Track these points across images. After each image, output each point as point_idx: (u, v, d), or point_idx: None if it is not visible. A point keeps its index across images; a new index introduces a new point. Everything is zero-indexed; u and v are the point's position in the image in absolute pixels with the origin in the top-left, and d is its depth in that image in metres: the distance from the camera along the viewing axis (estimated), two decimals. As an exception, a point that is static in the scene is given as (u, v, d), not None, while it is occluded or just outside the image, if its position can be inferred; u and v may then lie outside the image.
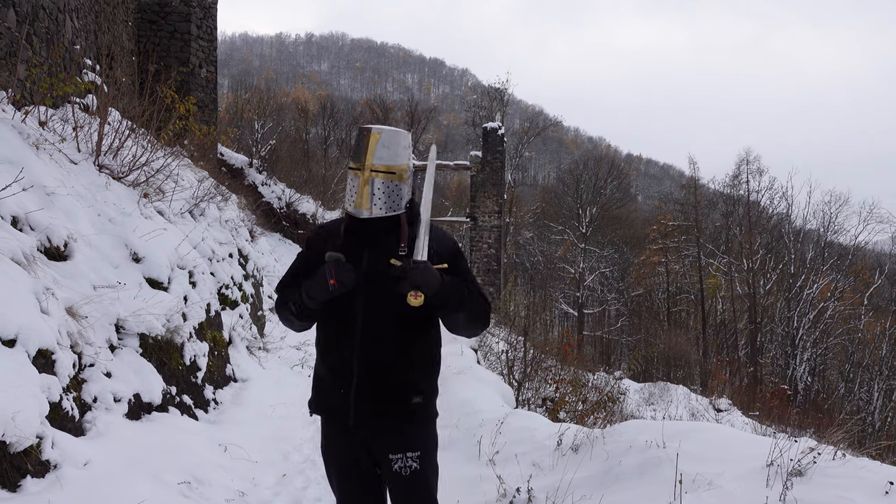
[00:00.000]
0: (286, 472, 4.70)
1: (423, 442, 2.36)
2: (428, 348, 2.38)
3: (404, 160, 2.32)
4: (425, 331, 2.36)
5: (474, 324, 2.36)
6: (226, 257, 7.59)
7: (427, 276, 2.13)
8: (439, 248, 2.33)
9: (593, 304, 40.23)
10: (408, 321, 2.28)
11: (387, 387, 2.28)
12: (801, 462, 2.97)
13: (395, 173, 2.29)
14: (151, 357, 4.65)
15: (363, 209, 2.27)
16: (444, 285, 2.19)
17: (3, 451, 2.86)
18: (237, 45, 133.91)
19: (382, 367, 2.28)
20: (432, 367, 2.42)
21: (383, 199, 2.28)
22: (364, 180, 2.27)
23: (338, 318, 2.30)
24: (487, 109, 39.36)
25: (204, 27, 15.83)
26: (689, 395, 19.62)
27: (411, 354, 2.32)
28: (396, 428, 2.32)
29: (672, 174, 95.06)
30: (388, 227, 2.32)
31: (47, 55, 7.09)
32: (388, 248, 2.29)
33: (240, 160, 18.67)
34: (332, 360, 2.35)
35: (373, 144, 2.27)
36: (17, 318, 3.30)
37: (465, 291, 2.27)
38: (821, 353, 30.85)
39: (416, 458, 2.32)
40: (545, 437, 4.97)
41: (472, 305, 2.30)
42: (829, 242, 35.54)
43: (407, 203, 2.36)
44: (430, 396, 2.39)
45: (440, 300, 2.20)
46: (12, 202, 4.04)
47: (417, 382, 2.34)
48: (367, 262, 2.27)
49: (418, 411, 2.34)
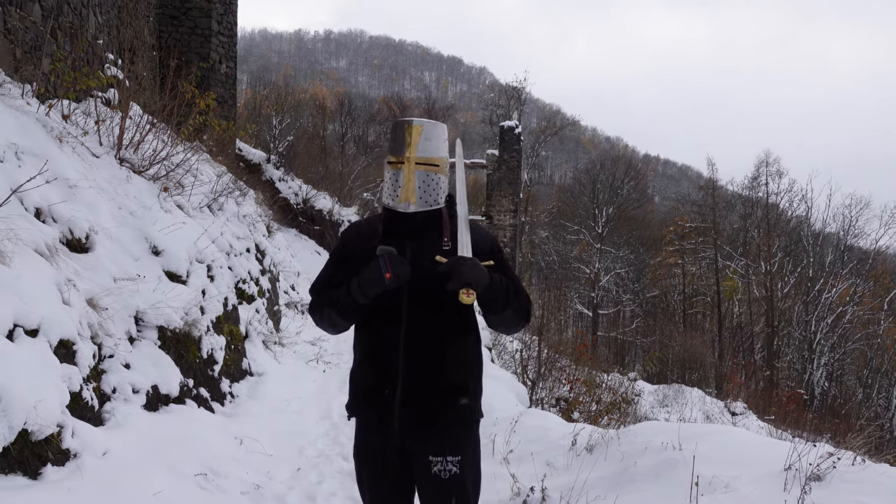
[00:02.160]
0: (301, 466, 4.73)
1: (466, 446, 2.28)
2: (472, 347, 2.32)
3: (444, 152, 2.29)
4: (469, 329, 2.30)
5: (517, 321, 2.31)
6: (243, 252, 7.64)
7: (477, 272, 2.08)
8: (481, 243, 2.26)
9: (608, 305, 40.03)
10: (453, 319, 2.23)
11: (434, 387, 2.22)
12: (820, 467, 2.94)
13: (437, 166, 2.25)
14: (169, 349, 4.69)
15: (410, 202, 2.22)
16: (492, 281, 2.14)
17: (25, 439, 2.90)
18: (256, 41, 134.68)
19: (429, 367, 2.21)
20: (477, 367, 2.35)
21: (427, 192, 2.24)
22: (409, 173, 2.21)
23: (381, 316, 2.24)
24: (504, 108, 39.27)
25: (224, 23, 15.95)
26: (704, 398, 19.46)
27: (458, 353, 2.26)
28: (440, 430, 2.24)
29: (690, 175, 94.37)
30: (430, 221, 2.27)
31: (71, 49, 7.17)
32: (430, 242, 2.23)
33: (258, 156, 18.78)
34: (375, 360, 2.27)
35: (416, 137, 2.22)
36: (39, 308, 3.34)
37: (511, 288, 2.22)
38: (838, 358, 30.49)
39: (457, 463, 2.24)
40: (559, 437, 4.96)
41: (516, 302, 2.25)
42: (848, 246, 35.07)
43: (446, 197, 2.31)
44: (476, 398, 2.32)
45: (489, 297, 2.16)
46: (36, 194, 4.09)
47: (465, 382, 2.27)
48: (410, 258, 2.20)
49: (464, 413, 2.26)
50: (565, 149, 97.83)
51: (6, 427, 2.76)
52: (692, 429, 4.08)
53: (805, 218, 35.44)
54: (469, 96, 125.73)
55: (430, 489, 2.26)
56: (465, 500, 2.27)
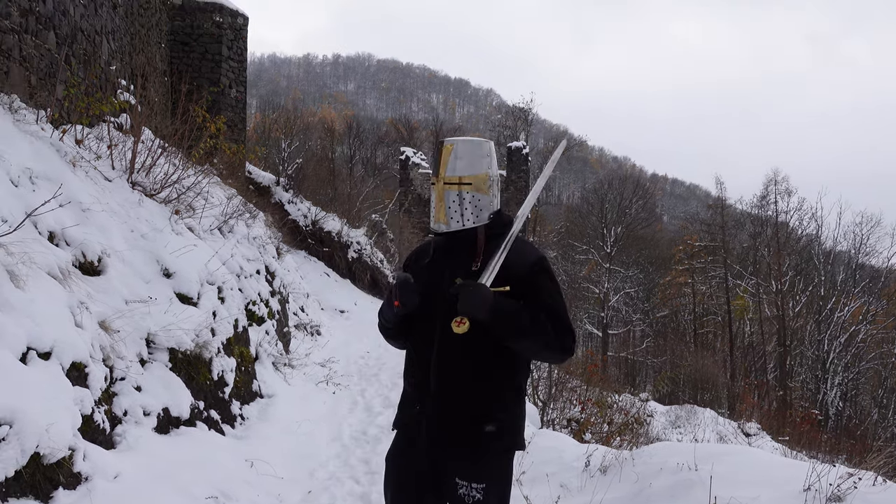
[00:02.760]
0: (311, 489, 4.69)
1: (492, 475, 2.21)
2: (506, 374, 2.23)
3: (482, 169, 2.25)
4: (504, 355, 2.20)
5: (544, 352, 2.18)
6: (253, 274, 7.66)
7: (474, 300, 2.03)
8: (518, 264, 2.18)
9: (618, 325, 39.79)
10: (483, 341, 2.15)
11: (460, 412, 2.19)
12: (841, 487, 2.89)
13: (470, 184, 2.22)
14: (180, 371, 4.69)
15: (441, 223, 2.24)
16: (494, 311, 2.05)
17: (36, 462, 2.89)
18: (265, 65, 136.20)
19: (455, 391, 2.20)
20: (511, 395, 2.26)
21: (460, 212, 2.22)
22: (439, 194, 2.23)
23: (420, 337, 2.27)
24: (512, 129, 39.52)
25: (234, 49, 16.17)
26: (717, 419, 19.22)
27: (487, 379, 2.20)
28: (466, 454, 2.20)
29: (698, 194, 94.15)
30: (467, 241, 2.25)
31: (84, 76, 7.28)
32: (462, 264, 2.22)
33: (267, 178, 18.90)
34: (411, 378, 2.33)
35: (445, 156, 2.24)
36: (52, 331, 3.35)
37: (525, 317, 2.09)
38: (852, 378, 30.12)
39: (481, 490, 2.17)
40: (573, 458, 4.91)
41: (534, 333, 2.10)
42: (860, 264, 34.81)
43: (492, 214, 2.27)
44: (505, 426, 2.22)
45: (492, 326, 2.08)
46: (50, 218, 4.13)
47: (492, 411, 2.20)
48: (447, 279, 2.19)
49: (491, 440, 2.19)
50: (573, 169, 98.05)
51: (19, 451, 2.75)
52: (708, 449, 4.03)
53: (815, 236, 35.26)
54: (476, 118, 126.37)
55: None
56: None
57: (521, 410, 2.30)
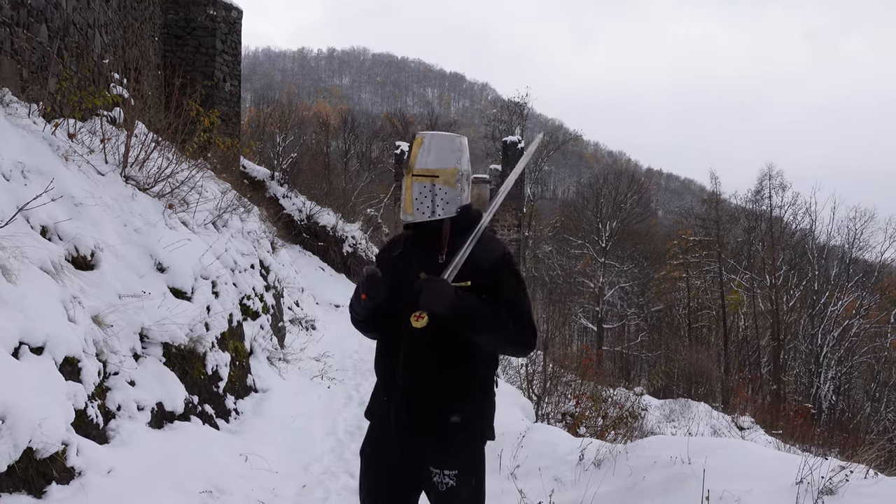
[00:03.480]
0: (306, 483, 4.70)
1: (463, 462, 2.28)
2: (470, 367, 2.28)
3: (451, 163, 2.29)
4: (466, 348, 2.24)
5: (504, 346, 2.24)
6: (248, 268, 7.65)
7: (434, 296, 2.07)
8: (482, 258, 2.22)
9: (613, 319, 39.89)
10: (446, 337, 2.20)
11: (424, 403, 2.26)
12: (833, 480, 2.90)
13: (437, 177, 2.27)
14: (174, 366, 4.68)
15: (407, 213, 2.30)
16: (455, 306, 2.09)
17: (29, 457, 2.89)
18: (260, 59, 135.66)
19: (421, 383, 2.25)
20: (476, 387, 2.31)
21: (426, 204, 2.27)
22: (408, 185, 2.30)
23: (387, 329, 2.32)
24: (507, 123, 39.48)
25: (228, 42, 16.08)
26: (711, 413, 19.31)
27: (452, 372, 2.25)
28: (433, 444, 2.28)
29: (693, 189, 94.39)
30: (433, 233, 2.30)
31: (77, 69, 7.23)
32: (429, 256, 2.26)
33: (262, 173, 18.85)
34: (380, 369, 2.39)
35: (416, 149, 2.30)
36: (45, 325, 3.34)
37: (485, 313, 2.13)
38: (846, 372, 30.27)
39: (454, 476, 2.25)
40: (567, 452, 4.92)
41: (497, 328, 2.14)
42: (854, 259, 34.93)
43: (459, 208, 2.31)
44: (471, 418, 2.29)
45: (453, 322, 2.12)
46: (42, 212, 4.11)
47: (457, 401, 2.26)
48: (414, 272, 2.24)
49: (457, 431, 2.26)
50: (568, 163, 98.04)
51: (11, 445, 2.74)
52: (701, 443, 4.05)
53: (809, 231, 35.35)
54: (472, 112, 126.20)
55: (433, 497, 2.34)
56: None
57: (488, 401, 2.36)
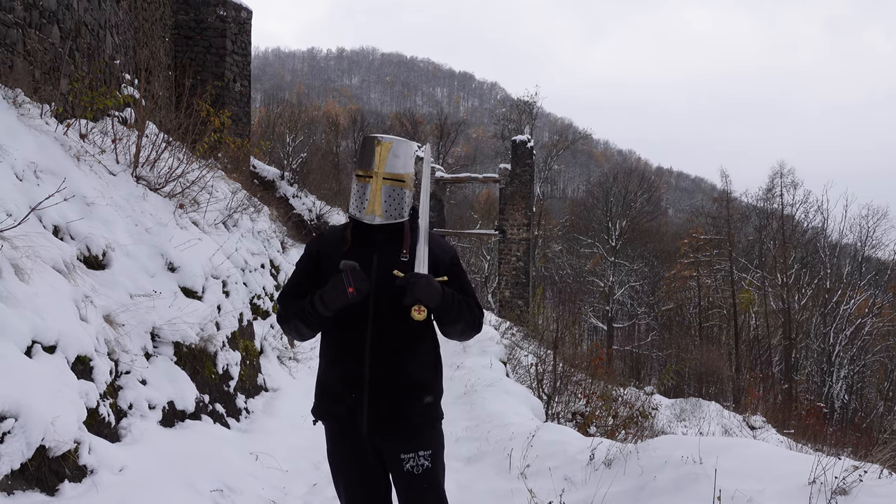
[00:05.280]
0: (316, 481, 4.71)
1: (434, 441, 2.44)
2: (432, 350, 2.49)
3: (410, 169, 2.44)
4: (428, 333, 2.46)
5: (468, 331, 2.46)
6: (258, 268, 7.67)
7: (428, 289, 2.22)
8: (442, 255, 2.43)
9: (623, 319, 39.74)
10: (412, 325, 2.33)
11: (399, 388, 2.36)
12: (846, 480, 2.88)
13: (403, 181, 2.39)
14: (185, 365, 4.70)
15: (376, 215, 2.35)
16: (443, 298, 2.28)
17: (42, 455, 2.91)
18: (270, 59, 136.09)
19: (394, 369, 2.35)
20: (437, 368, 2.51)
21: (392, 206, 2.37)
22: (376, 187, 2.35)
23: (347, 324, 2.35)
24: (516, 122, 39.39)
25: (238, 42, 16.13)
26: (722, 412, 19.22)
27: (419, 357, 2.41)
28: (409, 429, 2.38)
29: (703, 187, 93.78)
30: (394, 233, 2.41)
31: (88, 70, 7.27)
32: (391, 255, 2.36)
33: (272, 173, 18.91)
34: (342, 366, 2.39)
35: (384, 153, 2.36)
36: (57, 324, 3.36)
37: (462, 303, 2.38)
38: (858, 371, 30.03)
39: (428, 457, 2.39)
40: (577, 451, 4.90)
41: (468, 316, 2.40)
42: (866, 257, 34.66)
43: (410, 210, 2.45)
44: (438, 396, 2.49)
45: (441, 312, 2.32)
46: (54, 212, 4.14)
47: (428, 383, 2.43)
48: (376, 268, 2.34)
49: (430, 411, 2.43)
50: (578, 162, 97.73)
51: (24, 444, 2.77)
52: (712, 442, 4.02)
53: (821, 229, 35.09)
54: (481, 111, 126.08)
55: (406, 485, 2.39)
56: (440, 491, 2.43)
57: (442, 379, 2.54)
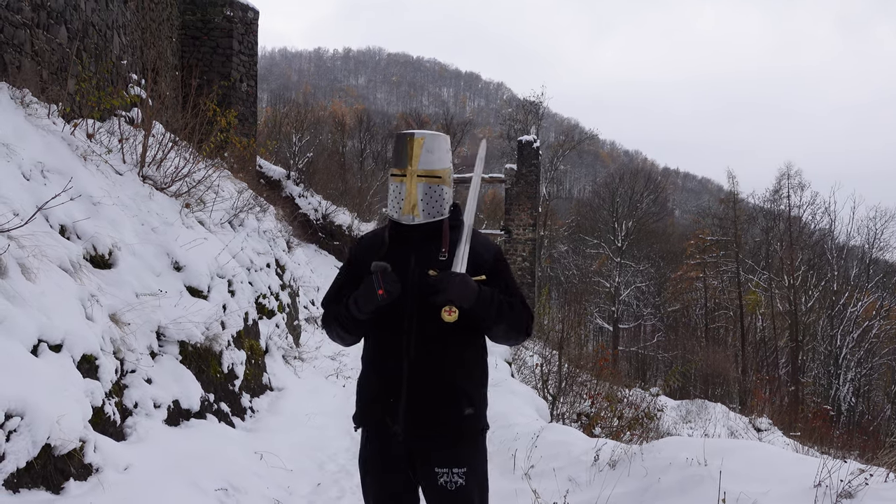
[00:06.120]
0: (321, 481, 4.71)
1: (472, 457, 2.28)
2: (477, 356, 2.33)
3: (447, 163, 2.31)
4: (474, 338, 2.31)
5: (514, 335, 2.30)
6: (263, 267, 7.69)
7: (463, 289, 2.11)
8: (484, 253, 2.28)
9: (629, 319, 39.65)
10: (457, 329, 2.21)
11: (439, 397, 2.23)
12: (852, 483, 2.86)
13: (439, 177, 2.28)
14: (191, 364, 4.72)
15: (412, 215, 2.25)
16: (479, 298, 2.15)
17: (47, 454, 2.92)
18: (276, 60, 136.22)
19: (434, 377, 2.23)
20: (482, 377, 2.35)
21: (430, 204, 2.26)
22: (411, 186, 2.25)
23: (387, 327, 2.25)
24: (522, 122, 39.32)
25: (245, 43, 16.18)
26: (728, 414, 19.16)
27: (462, 363, 2.27)
28: (446, 441, 2.24)
29: (710, 188, 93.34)
30: (432, 232, 2.30)
31: (96, 70, 7.31)
32: (430, 254, 2.26)
33: (278, 172, 18.96)
34: (381, 370, 2.29)
35: (417, 150, 2.24)
36: (63, 323, 3.38)
37: (503, 303, 2.22)
38: (865, 374, 29.89)
39: (462, 475, 2.23)
40: (581, 452, 4.89)
41: (511, 317, 2.23)
42: (874, 259, 34.50)
43: (450, 207, 2.34)
44: (480, 408, 2.32)
45: (476, 313, 2.17)
46: (61, 211, 4.15)
47: (469, 392, 2.27)
48: (413, 269, 2.23)
49: (470, 424, 2.27)
50: (584, 163, 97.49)
51: (30, 442, 2.78)
52: (717, 444, 4.01)
53: (828, 231, 34.97)
54: (487, 112, 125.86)
55: (436, 500, 2.27)
56: None
57: (486, 390, 2.39)
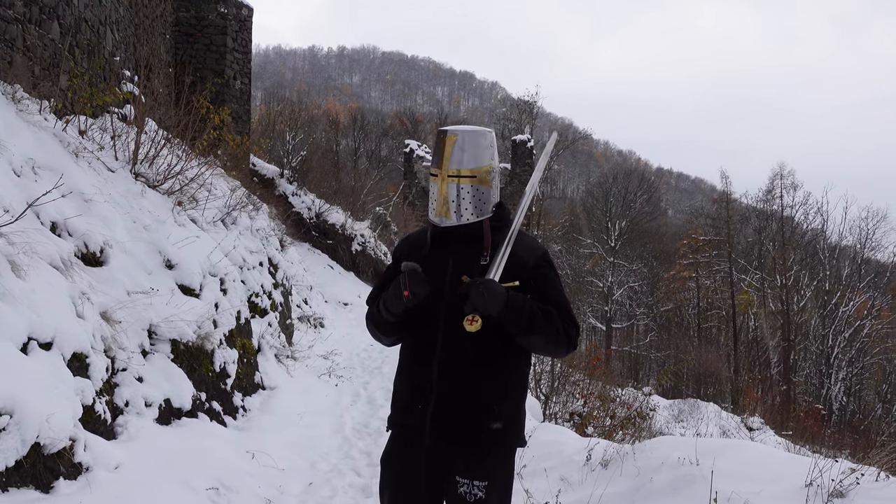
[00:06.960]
0: (313, 480, 4.70)
1: (495, 473, 2.16)
2: (513, 369, 2.20)
3: (486, 161, 2.18)
4: (510, 349, 2.16)
5: (552, 347, 2.15)
6: (256, 266, 7.66)
7: (487, 298, 1.98)
8: (526, 257, 2.16)
9: (622, 319, 39.74)
10: (490, 338, 2.10)
11: (463, 409, 2.13)
12: (843, 483, 2.87)
13: (475, 177, 2.15)
14: (182, 363, 4.70)
15: (444, 217, 2.16)
16: (507, 307, 2.01)
17: (37, 453, 2.90)
18: (271, 57, 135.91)
19: (460, 388, 2.13)
20: (517, 391, 2.22)
21: (464, 206, 2.15)
22: (442, 187, 2.15)
23: (420, 331, 2.19)
24: (516, 122, 39.36)
25: (239, 40, 16.12)
26: (720, 413, 19.22)
27: (493, 374, 2.15)
28: (470, 452, 2.14)
29: (703, 188, 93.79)
30: (473, 234, 2.18)
31: (88, 66, 7.26)
32: (468, 257, 2.15)
33: (271, 171, 18.89)
34: (411, 375, 2.23)
35: (449, 148, 2.14)
36: (53, 321, 3.35)
37: (536, 312, 2.06)
38: (857, 373, 30.05)
39: (483, 488, 2.12)
40: (574, 452, 4.90)
41: (546, 328, 2.07)
42: (865, 259, 34.69)
43: (493, 207, 2.21)
44: (511, 423, 2.19)
45: (505, 322, 2.04)
46: (52, 208, 4.12)
47: (498, 406, 2.15)
48: (451, 273, 2.14)
49: (496, 438, 2.15)
50: (578, 162, 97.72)
51: (19, 441, 2.76)
52: (709, 444, 4.02)
53: (821, 231, 35.11)
54: (481, 111, 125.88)
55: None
56: None
57: (524, 406, 2.27)
